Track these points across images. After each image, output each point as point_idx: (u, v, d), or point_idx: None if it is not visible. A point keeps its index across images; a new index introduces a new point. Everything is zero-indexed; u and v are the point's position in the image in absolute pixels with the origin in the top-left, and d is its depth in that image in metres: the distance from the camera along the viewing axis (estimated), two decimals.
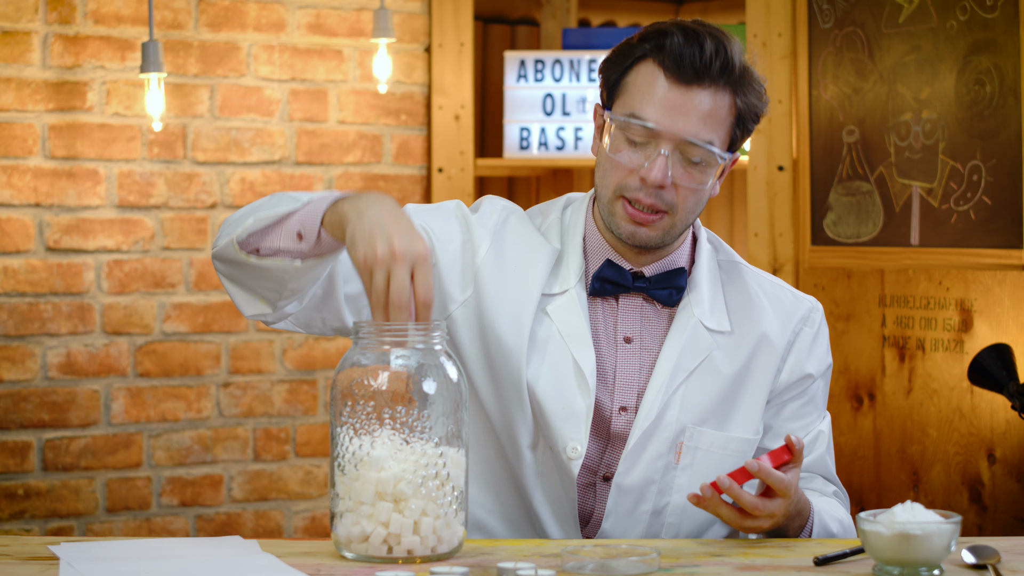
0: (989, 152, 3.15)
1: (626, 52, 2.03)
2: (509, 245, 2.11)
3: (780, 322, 2.13)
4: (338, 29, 3.69)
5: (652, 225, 2.03)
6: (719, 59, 1.98)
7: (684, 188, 2.01)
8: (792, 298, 2.17)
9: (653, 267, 2.10)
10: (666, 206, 2.02)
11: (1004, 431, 3.15)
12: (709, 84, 1.98)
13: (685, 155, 2.00)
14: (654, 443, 2.06)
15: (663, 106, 1.98)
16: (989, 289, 3.17)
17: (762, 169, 3.61)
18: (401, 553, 1.75)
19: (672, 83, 1.98)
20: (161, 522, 3.57)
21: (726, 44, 1.99)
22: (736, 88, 2.01)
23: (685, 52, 1.97)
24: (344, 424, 1.77)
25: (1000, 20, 3.12)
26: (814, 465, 2.15)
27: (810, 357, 2.14)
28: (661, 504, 2.07)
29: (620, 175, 2.03)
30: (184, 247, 3.57)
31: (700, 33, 1.99)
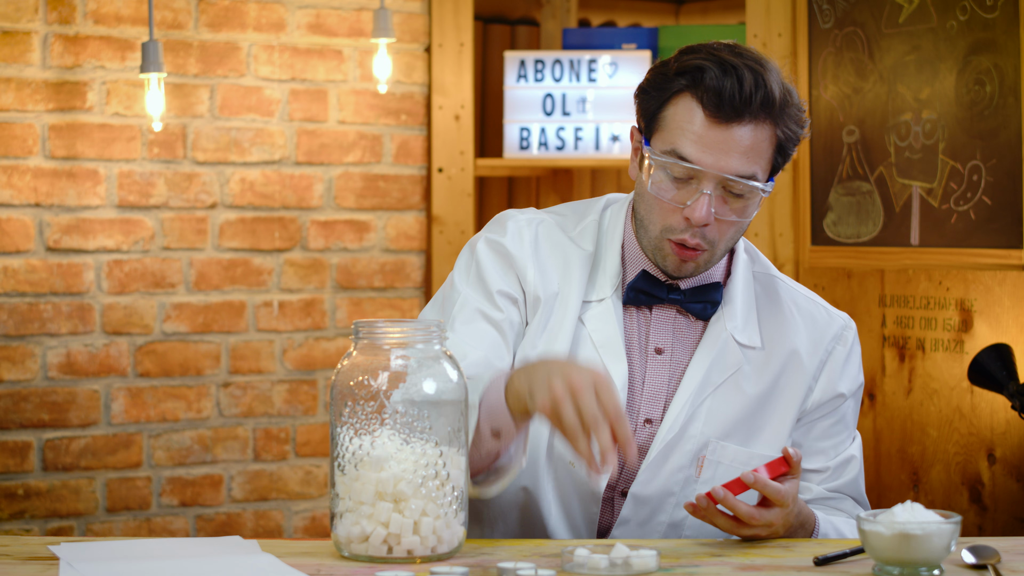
0: (989, 152, 3.15)
1: (663, 85, 1.98)
2: (546, 258, 2.09)
3: (812, 340, 2.11)
4: (338, 29, 3.69)
5: (696, 259, 2.02)
6: (759, 93, 1.94)
7: (728, 223, 1.99)
8: (826, 315, 2.14)
9: (689, 281, 2.08)
10: (707, 243, 2.00)
11: (1004, 431, 3.15)
12: (750, 119, 1.94)
13: (728, 190, 1.97)
14: (676, 455, 2.04)
15: (704, 144, 1.95)
16: (989, 289, 3.17)
17: None
18: (401, 553, 1.75)
19: (712, 120, 1.94)
20: (161, 522, 3.57)
21: (765, 76, 1.95)
22: (777, 119, 1.97)
23: (724, 88, 1.93)
24: (344, 424, 1.77)
25: (1000, 20, 3.12)
26: (846, 488, 2.13)
27: (843, 377, 2.12)
28: (679, 517, 2.05)
29: (664, 214, 2.00)
30: (184, 247, 3.57)
31: (738, 67, 1.94)
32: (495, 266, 2.07)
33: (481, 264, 2.08)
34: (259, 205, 3.64)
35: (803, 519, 1.96)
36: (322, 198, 3.70)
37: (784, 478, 1.90)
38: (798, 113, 2.00)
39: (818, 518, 2.01)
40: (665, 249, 2.02)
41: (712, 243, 2.00)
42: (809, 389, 2.10)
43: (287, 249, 3.67)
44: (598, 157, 3.79)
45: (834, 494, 2.13)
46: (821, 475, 2.12)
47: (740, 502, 1.85)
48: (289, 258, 3.68)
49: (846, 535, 2.05)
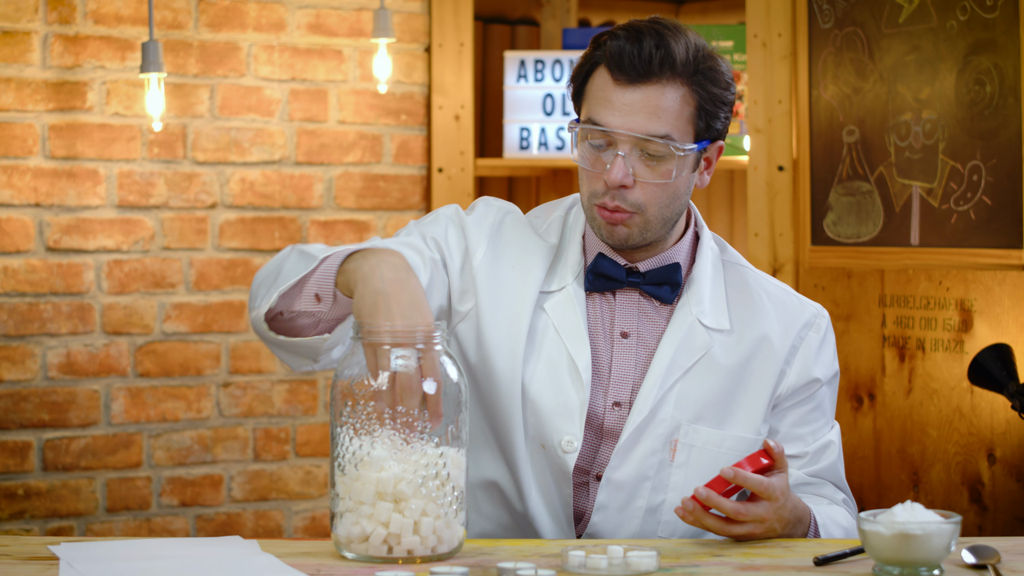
0: (989, 152, 3.15)
1: (583, 62, 2.06)
2: (506, 246, 2.13)
3: (783, 326, 2.14)
4: (338, 29, 3.69)
5: (626, 223, 2.05)
6: (659, 53, 1.99)
7: (649, 185, 2.02)
8: (797, 303, 2.17)
9: (648, 263, 2.11)
10: (632, 206, 2.03)
11: (1004, 431, 3.15)
12: (655, 80, 1.99)
13: (645, 152, 2.01)
14: (647, 439, 2.06)
15: (612, 107, 2.01)
16: (989, 289, 3.17)
17: (762, 169, 3.61)
18: (401, 553, 1.75)
19: (617, 83, 2.01)
20: (161, 522, 3.57)
21: (667, 38, 2.00)
22: (689, 79, 2.01)
23: (625, 52, 2.00)
24: (344, 424, 1.77)
25: (1000, 20, 3.12)
26: (825, 473, 2.15)
27: (817, 362, 2.14)
28: (656, 501, 2.07)
29: (590, 182, 2.06)
30: (184, 247, 3.57)
31: (642, 31, 2.01)
32: (448, 227, 2.13)
33: (438, 219, 2.15)
34: (259, 205, 3.64)
35: (799, 513, 1.97)
36: (322, 198, 3.70)
37: (770, 473, 1.91)
38: (716, 74, 2.04)
39: (812, 510, 2.01)
40: (595, 216, 2.06)
41: (639, 207, 2.03)
42: (782, 374, 2.12)
43: None
44: None
45: (813, 479, 2.14)
46: (800, 460, 2.13)
47: (724, 499, 1.86)
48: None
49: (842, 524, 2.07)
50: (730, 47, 3.79)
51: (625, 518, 2.07)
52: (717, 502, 1.86)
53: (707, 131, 2.05)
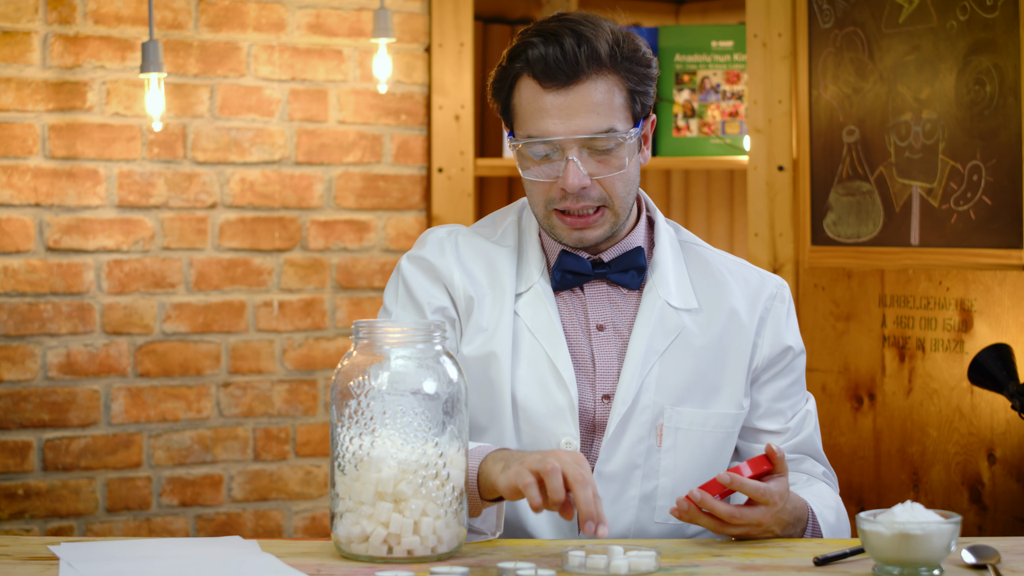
0: (989, 152, 3.15)
1: (503, 76, 2.06)
2: (471, 263, 2.14)
3: (748, 299, 2.15)
4: (338, 29, 3.69)
5: (595, 223, 2.06)
6: (583, 50, 1.99)
7: (607, 178, 2.03)
8: (758, 276, 2.19)
9: (610, 252, 2.12)
10: (598, 201, 2.04)
11: (1004, 431, 3.15)
12: (584, 77, 2.00)
13: (593, 149, 2.02)
14: (633, 427, 2.07)
15: (550, 115, 2.00)
16: (989, 289, 3.17)
17: (762, 169, 3.61)
18: (401, 553, 1.75)
19: (548, 90, 2.00)
20: (161, 522, 3.57)
21: (586, 33, 2.00)
22: (615, 67, 2.02)
23: (549, 56, 1.99)
24: (344, 424, 1.77)
25: (1000, 20, 3.12)
26: (803, 446, 2.16)
27: (787, 331, 2.16)
28: (649, 488, 2.07)
29: (542, 192, 2.05)
30: (184, 247, 3.57)
31: (558, 32, 2.00)
32: (420, 280, 2.12)
33: (408, 281, 2.13)
34: (259, 205, 3.64)
35: (798, 513, 1.97)
36: (322, 198, 3.70)
37: (769, 477, 1.91)
38: (639, 55, 2.05)
39: (810, 504, 2.02)
40: (555, 223, 2.07)
41: (604, 200, 2.05)
42: (755, 346, 2.13)
43: (287, 249, 3.67)
44: None
45: (794, 454, 2.15)
46: (781, 436, 2.14)
47: (718, 502, 1.87)
48: (289, 258, 3.68)
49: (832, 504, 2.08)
50: (730, 47, 3.79)
51: (620, 508, 2.07)
52: (711, 505, 1.86)
53: (642, 111, 2.07)
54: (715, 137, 3.78)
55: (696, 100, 3.79)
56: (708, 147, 3.78)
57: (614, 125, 2.01)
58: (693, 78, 3.80)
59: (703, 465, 2.09)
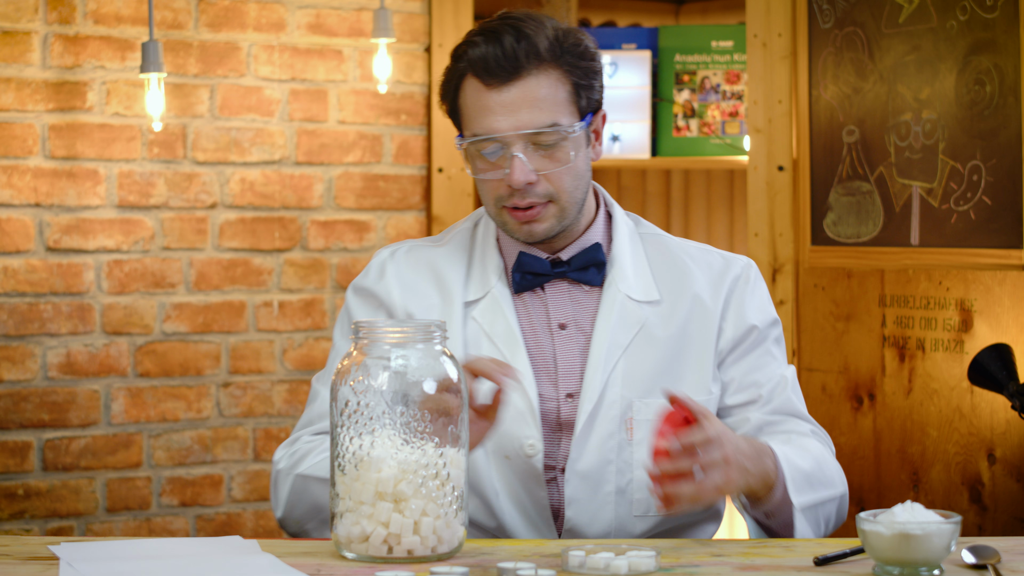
0: (989, 152, 3.15)
1: (449, 77, 2.07)
2: (414, 279, 2.15)
3: (712, 284, 2.14)
4: (338, 29, 3.69)
5: (541, 217, 2.06)
6: (522, 46, 2.00)
7: (553, 173, 2.04)
8: (722, 260, 2.18)
9: (569, 250, 2.13)
10: (544, 196, 2.05)
11: (1004, 431, 3.15)
12: (525, 73, 2.01)
13: (539, 144, 2.03)
14: (602, 423, 2.07)
15: (493, 113, 2.01)
16: (989, 289, 3.17)
17: (762, 169, 3.61)
18: (401, 553, 1.75)
19: (491, 88, 2.02)
20: (161, 522, 3.57)
21: (527, 29, 2.02)
22: (557, 61, 2.03)
23: (489, 55, 2.01)
24: (344, 424, 1.77)
25: (1000, 20, 3.12)
26: (784, 407, 2.13)
27: (750, 309, 2.14)
28: (624, 482, 2.07)
29: (492, 190, 2.06)
30: (184, 247, 3.57)
31: (498, 29, 2.02)
32: (362, 309, 2.15)
33: (351, 311, 2.16)
34: (259, 205, 3.64)
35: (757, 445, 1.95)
36: (322, 198, 3.70)
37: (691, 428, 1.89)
38: (582, 48, 2.05)
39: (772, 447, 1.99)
40: (507, 220, 2.08)
41: (551, 196, 2.05)
42: (720, 330, 2.12)
43: (287, 249, 3.68)
44: None
45: (774, 416, 2.12)
46: (757, 404, 2.12)
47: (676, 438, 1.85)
48: (289, 258, 3.68)
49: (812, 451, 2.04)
50: (730, 47, 3.79)
51: (597, 506, 2.07)
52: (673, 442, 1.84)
53: (588, 105, 2.07)
54: (715, 137, 3.78)
55: (696, 100, 3.79)
56: (708, 147, 3.78)
57: (558, 120, 2.02)
58: (693, 78, 3.80)
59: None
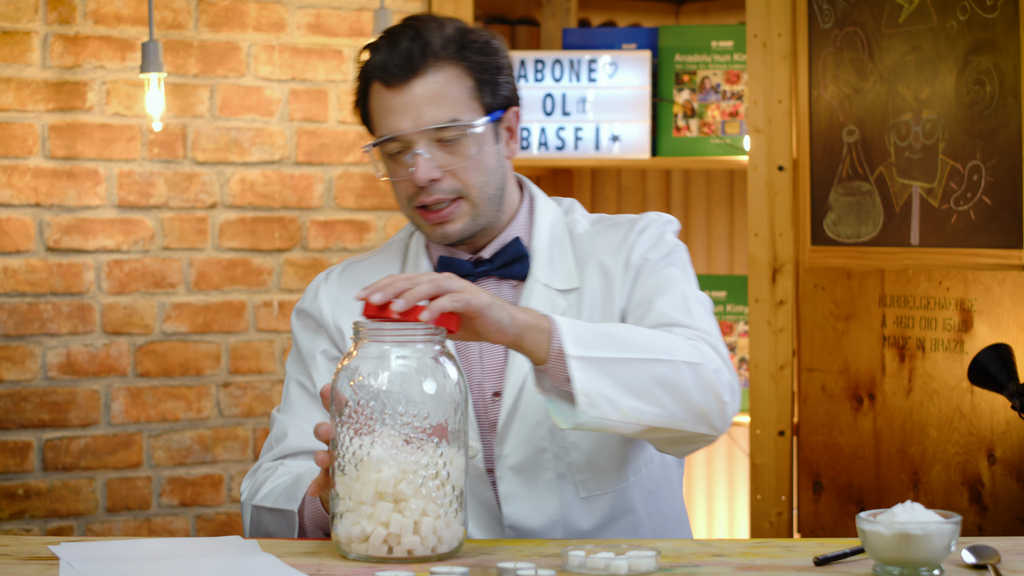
0: (989, 152, 3.15)
1: (360, 86, 2.09)
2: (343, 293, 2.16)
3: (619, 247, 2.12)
4: (338, 29, 3.69)
5: (454, 216, 2.07)
6: (416, 45, 2.02)
7: (459, 169, 2.05)
8: (628, 224, 2.15)
9: (490, 247, 2.13)
10: (452, 193, 2.06)
11: (1004, 431, 3.15)
12: (422, 71, 2.03)
13: (441, 141, 2.04)
14: (526, 414, 2.06)
15: (393, 112, 2.03)
16: (989, 289, 3.17)
17: (762, 169, 3.61)
18: (401, 553, 1.75)
19: (391, 89, 2.04)
20: (161, 522, 3.57)
21: (422, 28, 2.04)
22: (456, 57, 2.04)
23: (386, 58, 2.03)
24: (344, 424, 1.77)
25: (1000, 20, 3.12)
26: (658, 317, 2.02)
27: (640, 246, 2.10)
28: (563, 467, 2.07)
29: (402, 191, 2.08)
30: (184, 247, 3.57)
31: (396, 33, 2.05)
32: (301, 333, 2.18)
33: (295, 337, 2.19)
34: (259, 205, 3.64)
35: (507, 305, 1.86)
36: (322, 198, 3.70)
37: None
38: (482, 44, 2.07)
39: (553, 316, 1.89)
40: (421, 223, 2.09)
41: (460, 192, 2.06)
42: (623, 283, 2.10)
43: (287, 249, 3.68)
44: (598, 157, 3.79)
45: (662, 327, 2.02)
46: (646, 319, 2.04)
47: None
48: (289, 258, 3.68)
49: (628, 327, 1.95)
50: (730, 47, 3.79)
51: (540, 495, 2.08)
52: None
53: (495, 101, 2.08)
54: (715, 137, 3.78)
55: (696, 100, 3.79)
56: (708, 147, 3.78)
57: (458, 115, 2.03)
58: (693, 78, 3.80)
59: None
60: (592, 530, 2.09)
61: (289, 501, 2.00)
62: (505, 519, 2.07)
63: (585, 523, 2.09)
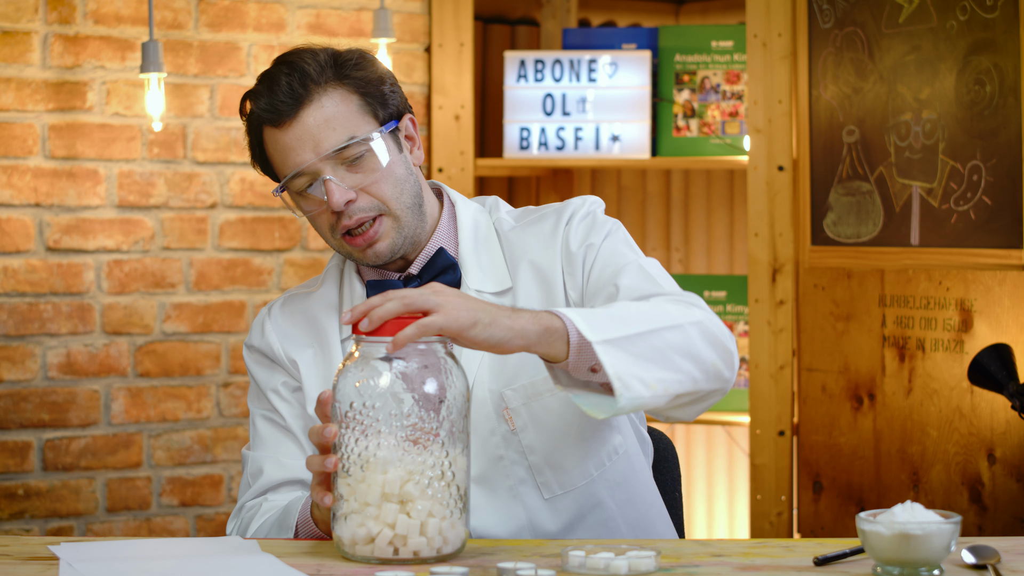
0: (989, 152, 3.15)
1: (251, 139, 2.09)
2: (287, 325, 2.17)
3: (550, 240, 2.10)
4: (338, 29, 3.69)
5: (379, 234, 2.07)
6: (294, 79, 2.03)
7: (370, 185, 2.05)
8: (554, 215, 2.13)
9: (417, 263, 2.12)
10: (372, 210, 2.05)
11: (1004, 431, 3.15)
12: (306, 101, 2.03)
13: (346, 162, 2.04)
14: (479, 423, 2.05)
15: (290, 150, 2.03)
16: (989, 289, 3.17)
17: (762, 169, 3.61)
18: (407, 554, 1.75)
19: (283, 128, 2.04)
20: (161, 522, 3.57)
21: (295, 60, 2.05)
22: (335, 79, 2.05)
23: (270, 101, 2.04)
24: (348, 425, 1.77)
25: (1000, 20, 3.12)
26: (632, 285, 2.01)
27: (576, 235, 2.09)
28: (522, 472, 2.07)
29: (323, 224, 2.07)
30: (184, 247, 3.57)
31: (272, 74, 2.05)
32: (259, 368, 2.18)
33: (252, 373, 2.19)
34: (259, 205, 3.64)
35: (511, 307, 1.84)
36: None
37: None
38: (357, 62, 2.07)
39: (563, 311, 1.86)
40: (350, 249, 2.08)
41: (379, 208, 2.05)
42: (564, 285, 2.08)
43: (287, 249, 3.68)
44: (598, 157, 3.79)
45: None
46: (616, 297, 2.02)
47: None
48: (289, 258, 3.68)
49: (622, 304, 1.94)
50: (730, 47, 3.79)
51: (503, 502, 2.07)
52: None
53: (386, 112, 2.08)
54: (715, 137, 3.78)
55: (696, 100, 3.79)
56: (708, 147, 3.78)
57: (354, 133, 2.03)
58: (693, 78, 3.80)
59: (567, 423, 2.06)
60: (561, 531, 2.08)
61: (283, 532, 2.00)
62: (471, 531, 2.06)
63: (553, 524, 2.08)
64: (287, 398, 2.14)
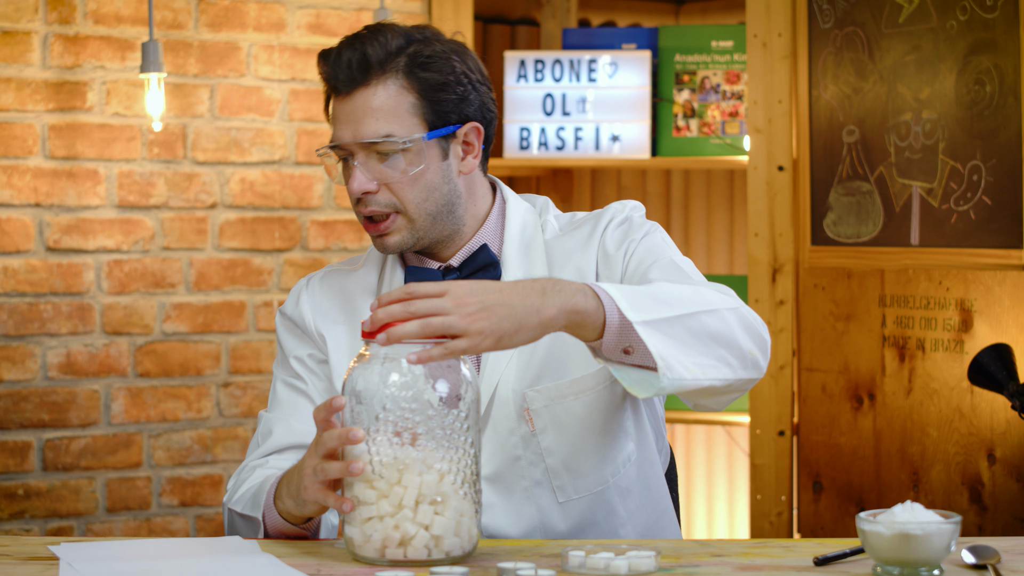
0: (989, 152, 3.15)
1: (325, 91, 2.11)
2: (323, 299, 2.17)
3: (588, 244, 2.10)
4: (338, 29, 3.69)
5: (391, 229, 2.07)
6: (354, 58, 2.04)
7: (395, 183, 2.04)
8: (593, 220, 2.13)
9: (458, 256, 2.12)
10: (388, 207, 2.05)
11: (1004, 431, 3.15)
12: (363, 84, 2.04)
13: (380, 154, 2.04)
14: (499, 422, 2.05)
15: (340, 122, 2.05)
16: (989, 289, 3.17)
17: (762, 169, 3.61)
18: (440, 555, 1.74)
19: (339, 99, 2.06)
20: (161, 522, 3.57)
21: (365, 41, 2.05)
22: (399, 72, 2.04)
23: (333, 72, 2.06)
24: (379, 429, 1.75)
25: (1000, 20, 3.12)
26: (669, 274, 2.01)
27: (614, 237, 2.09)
28: (538, 473, 2.06)
29: (350, 197, 2.08)
30: (184, 247, 3.57)
31: (344, 42, 2.07)
32: (285, 336, 2.18)
33: (280, 339, 2.20)
34: (259, 205, 3.64)
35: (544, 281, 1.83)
36: (322, 198, 3.70)
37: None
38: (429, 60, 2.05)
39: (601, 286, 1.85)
40: (368, 231, 2.09)
41: (394, 206, 2.05)
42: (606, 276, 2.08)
43: (287, 249, 3.68)
44: (598, 157, 3.79)
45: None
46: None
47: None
48: (289, 258, 3.68)
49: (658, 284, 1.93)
50: (730, 47, 3.79)
51: (517, 501, 2.07)
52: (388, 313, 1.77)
53: (442, 117, 2.05)
54: (715, 137, 3.78)
55: (696, 100, 3.79)
56: (708, 147, 3.78)
57: (393, 131, 2.02)
58: (693, 78, 3.80)
59: (588, 428, 2.06)
60: (571, 534, 2.08)
61: (255, 508, 2.00)
62: (483, 530, 2.06)
63: (564, 527, 2.08)
64: (312, 368, 2.14)
